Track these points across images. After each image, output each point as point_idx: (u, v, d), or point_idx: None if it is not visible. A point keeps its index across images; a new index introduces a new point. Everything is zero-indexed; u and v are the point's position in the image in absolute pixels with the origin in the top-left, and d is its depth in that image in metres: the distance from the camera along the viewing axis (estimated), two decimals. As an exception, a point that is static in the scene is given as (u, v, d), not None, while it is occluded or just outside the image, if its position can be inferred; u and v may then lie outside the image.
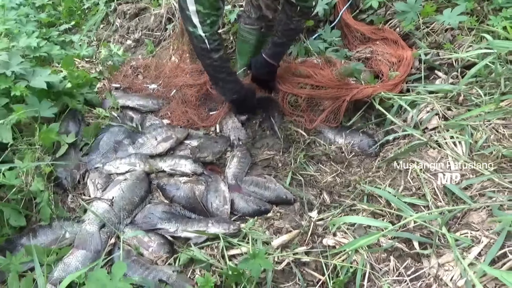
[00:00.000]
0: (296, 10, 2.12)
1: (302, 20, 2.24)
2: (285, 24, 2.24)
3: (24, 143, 2.07)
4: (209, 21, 2.01)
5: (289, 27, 2.24)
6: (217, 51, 2.13)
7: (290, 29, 2.26)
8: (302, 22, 2.25)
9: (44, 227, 1.90)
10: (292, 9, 2.15)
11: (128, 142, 2.40)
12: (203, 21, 2.00)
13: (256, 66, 2.51)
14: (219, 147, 2.41)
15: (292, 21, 2.20)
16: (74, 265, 1.73)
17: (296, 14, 2.16)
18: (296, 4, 2.10)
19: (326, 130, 2.46)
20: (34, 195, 1.92)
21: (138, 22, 3.93)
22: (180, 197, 2.06)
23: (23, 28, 3.14)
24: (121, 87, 3.01)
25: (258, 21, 2.45)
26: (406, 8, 2.59)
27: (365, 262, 1.60)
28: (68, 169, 2.17)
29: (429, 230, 1.67)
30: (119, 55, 3.33)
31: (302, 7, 2.10)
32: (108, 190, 2.07)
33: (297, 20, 2.20)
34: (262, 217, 1.97)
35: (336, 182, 2.16)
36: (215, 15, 2.00)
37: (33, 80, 2.20)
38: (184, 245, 1.81)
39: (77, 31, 4.15)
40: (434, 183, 1.84)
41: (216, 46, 2.10)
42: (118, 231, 1.87)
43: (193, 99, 2.77)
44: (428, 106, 2.24)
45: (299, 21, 2.22)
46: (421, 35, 2.68)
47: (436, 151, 1.98)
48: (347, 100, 2.36)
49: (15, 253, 1.76)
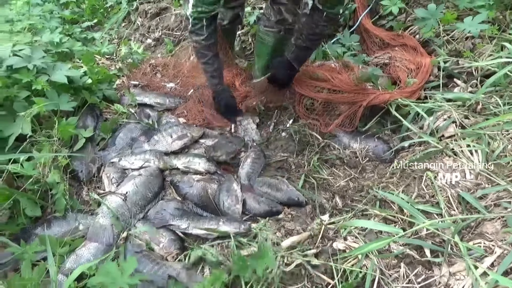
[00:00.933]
0: (323, 16, 2.13)
1: (328, 26, 2.24)
2: (310, 28, 2.25)
3: (42, 135, 2.11)
4: (200, 9, 2.13)
5: (314, 31, 2.24)
6: (198, 34, 2.25)
7: (315, 34, 2.26)
8: (327, 28, 2.24)
9: (58, 218, 1.94)
10: (319, 14, 2.15)
11: (143, 138, 2.43)
12: (195, 5, 2.12)
13: (277, 66, 2.51)
14: (233, 147, 2.42)
15: (318, 26, 2.20)
16: (86, 257, 1.76)
17: (323, 20, 2.16)
18: (323, 10, 2.10)
19: (341, 134, 2.45)
20: (50, 187, 1.96)
21: (158, 21, 3.97)
22: (192, 194, 2.08)
23: (46, 24, 3.20)
24: (139, 84, 3.05)
25: (278, 24, 2.45)
26: (427, 15, 2.57)
27: (375, 268, 1.59)
28: (84, 162, 2.21)
29: (441, 238, 1.65)
30: (139, 53, 3.38)
31: (328, 13, 2.10)
32: (122, 184, 2.10)
33: (322, 26, 2.20)
34: (273, 218, 1.98)
35: (349, 186, 2.15)
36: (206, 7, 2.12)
37: (54, 75, 2.25)
38: (195, 242, 1.82)
39: (99, 29, 4.21)
40: (449, 191, 1.83)
41: (198, 30, 2.22)
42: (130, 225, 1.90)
43: (209, 99, 2.79)
44: (445, 114, 2.22)
45: (325, 27, 2.21)
46: (440, 43, 2.66)
47: (452, 159, 1.97)
48: (364, 105, 2.36)
49: (30, 242, 1.80)
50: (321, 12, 2.12)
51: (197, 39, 2.28)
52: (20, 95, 2.12)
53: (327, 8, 2.08)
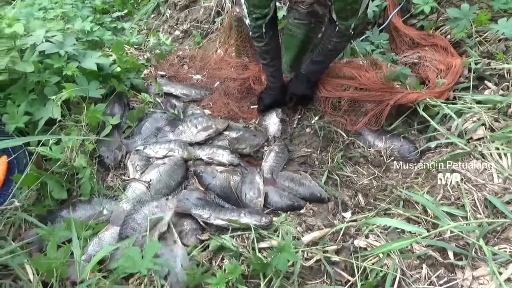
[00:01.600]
0: (335, 30, 2.12)
1: (342, 43, 2.23)
2: (324, 43, 2.27)
3: (71, 120, 2.15)
4: (254, 15, 2.15)
5: (327, 47, 2.25)
6: (258, 41, 2.31)
7: (328, 49, 2.28)
8: (341, 44, 2.24)
9: (83, 202, 1.98)
10: (331, 29, 2.15)
11: (169, 128, 2.46)
12: (249, 13, 2.17)
13: (294, 84, 2.56)
14: (257, 140, 2.43)
15: (330, 42, 2.21)
16: (108, 241, 1.80)
17: (335, 34, 2.15)
18: (336, 23, 2.09)
19: (366, 133, 2.43)
20: (76, 171, 2.00)
21: (187, 13, 3.99)
22: (215, 185, 2.09)
23: (78, 13, 3.26)
24: (166, 75, 3.08)
25: (308, 16, 2.44)
26: (459, 15, 2.52)
27: (396, 267, 1.57)
28: (111, 149, 2.24)
29: (465, 241, 1.63)
30: (167, 45, 3.41)
31: (340, 25, 2.08)
32: (146, 172, 2.13)
33: (334, 42, 2.20)
34: (294, 212, 1.98)
35: (372, 185, 2.13)
36: (259, 12, 2.12)
37: (84, 62, 2.30)
38: (215, 232, 1.83)
39: (129, 19, 4.26)
40: (475, 194, 1.79)
41: (257, 38, 2.28)
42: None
43: (235, 92, 2.80)
44: (474, 116, 2.17)
45: (337, 43, 2.20)
46: (472, 44, 2.60)
47: (480, 162, 1.93)
48: (391, 104, 2.32)
49: (55, 224, 1.85)
50: (334, 26, 2.12)
51: (257, 45, 2.36)
52: (51, 80, 2.17)
53: (341, 19, 2.05)
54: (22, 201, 1.88)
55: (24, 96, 2.12)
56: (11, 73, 2.12)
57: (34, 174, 1.87)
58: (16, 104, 2.07)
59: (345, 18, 2.03)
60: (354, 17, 2.02)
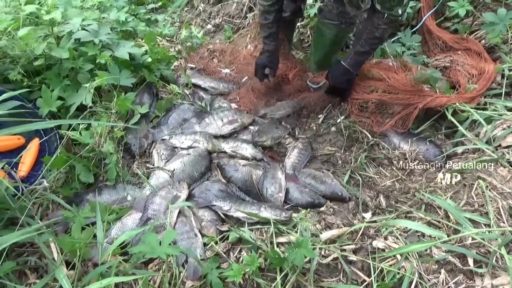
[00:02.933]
0: (383, 18, 2.09)
1: (388, 29, 2.19)
2: (370, 32, 2.21)
3: (101, 107, 2.21)
4: None
5: (374, 35, 2.19)
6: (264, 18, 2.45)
7: (375, 37, 2.22)
8: (387, 31, 2.20)
9: (109, 186, 2.04)
10: (378, 16, 2.11)
11: (195, 120, 2.50)
12: None
13: (335, 75, 2.48)
14: (279, 133, 2.44)
15: (378, 29, 2.16)
16: (130, 226, 1.85)
17: (383, 22, 2.12)
18: (383, 12, 2.07)
19: (392, 135, 2.40)
20: (104, 156, 2.07)
21: (220, 8, 4.02)
22: (237, 178, 2.12)
23: (114, 3, 3.31)
24: (196, 67, 3.13)
25: (339, 16, 2.42)
26: (495, 20, 2.46)
27: (414, 271, 1.56)
28: (138, 137, 2.30)
29: (486, 249, 1.60)
30: (198, 38, 3.45)
31: (388, 15, 2.06)
32: (171, 162, 2.18)
33: (382, 29, 2.16)
34: (314, 210, 1.99)
35: (394, 187, 2.11)
36: None
37: (117, 51, 2.35)
38: (235, 224, 1.86)
39: (163, 12, 4.31)
40: (500, 203, 1.76)
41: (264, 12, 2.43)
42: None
43: (262, 88, 2.81)
44: (505, 123, 2.12)
45: (385, 30, 2.16)
46: (507, 50, 2.54)
47: (507, 170, 1.89)
48: (420, 107, 2.29)
49: (81, 206, 1.91)
50: (381, 14, 2.08)
51: (262, 2, 2.40)
52: (85, 67, 2.24)
53: (386, 9, 2.03)
54: (51, 183, 1.95)
55: (58, 81, 2.20)
56: (47, 59, 2.20)
57: (64, 157, 1.94)
58: (50, 89, 2.14)
59: (389, 8, 2.02)
60: (399, 6, 2.00)
